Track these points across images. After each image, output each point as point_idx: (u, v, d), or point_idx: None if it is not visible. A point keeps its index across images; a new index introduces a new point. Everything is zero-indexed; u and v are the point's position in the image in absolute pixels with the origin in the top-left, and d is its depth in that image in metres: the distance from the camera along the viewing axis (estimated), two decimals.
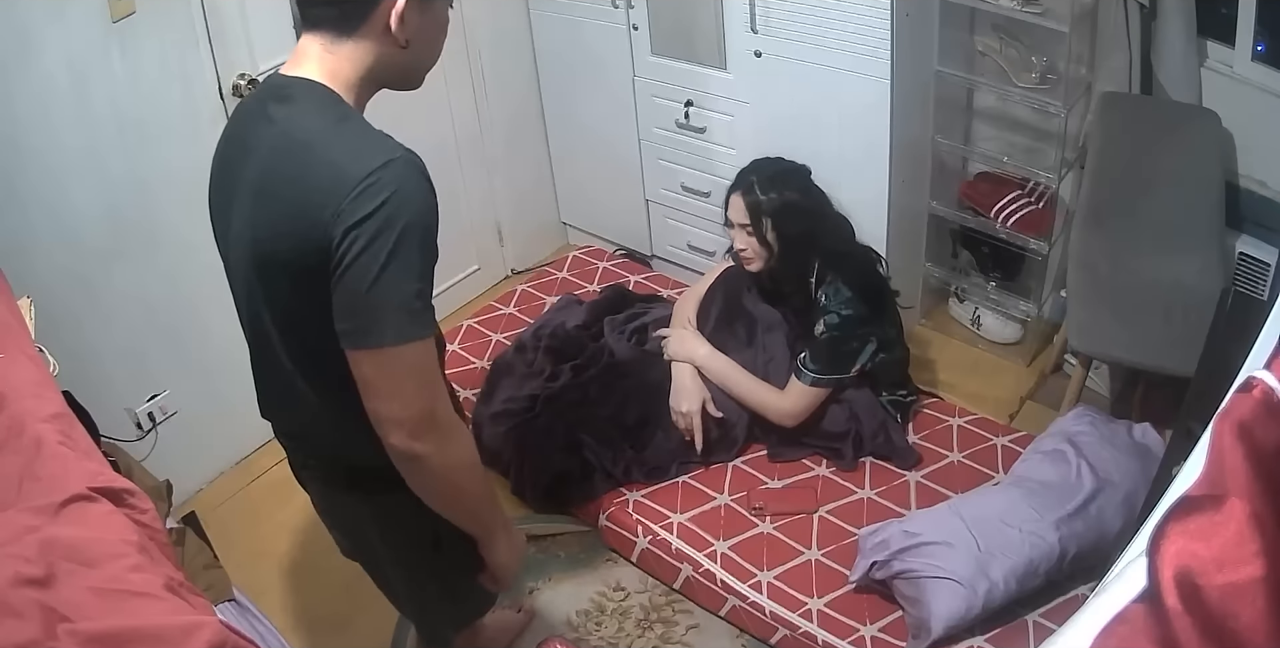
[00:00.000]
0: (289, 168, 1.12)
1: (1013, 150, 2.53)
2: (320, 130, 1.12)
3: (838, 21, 2.27)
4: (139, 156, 2.13)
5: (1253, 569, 0.56)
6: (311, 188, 1.08)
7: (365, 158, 1.07)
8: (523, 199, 3.20)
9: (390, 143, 1.12)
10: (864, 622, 1.91)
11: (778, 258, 2.19)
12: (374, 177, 1.06)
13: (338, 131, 1.12)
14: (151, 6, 2.03)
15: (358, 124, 1.14)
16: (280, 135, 1.13)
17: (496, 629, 2.02)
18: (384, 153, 1.08)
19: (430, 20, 1.18)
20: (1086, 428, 2.11)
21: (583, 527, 2.30)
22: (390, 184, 1.06)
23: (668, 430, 2.28)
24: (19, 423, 1.20)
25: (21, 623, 0.89)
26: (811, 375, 2.16)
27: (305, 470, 1.49)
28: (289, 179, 1.11)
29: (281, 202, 1.12)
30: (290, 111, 1.14)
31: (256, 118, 1.17)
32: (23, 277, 1.73)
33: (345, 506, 1.46)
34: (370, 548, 1.50)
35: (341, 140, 1.11)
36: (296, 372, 1.26)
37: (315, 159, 1.09)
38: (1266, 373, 0.63)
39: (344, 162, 1.07)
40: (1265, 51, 2.09)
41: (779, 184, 2.16)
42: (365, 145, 1.10)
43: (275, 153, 1.14)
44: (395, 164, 1.07)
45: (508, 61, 2.96)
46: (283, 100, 1.15)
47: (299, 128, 1.13)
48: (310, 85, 1.15)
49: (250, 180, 1.17)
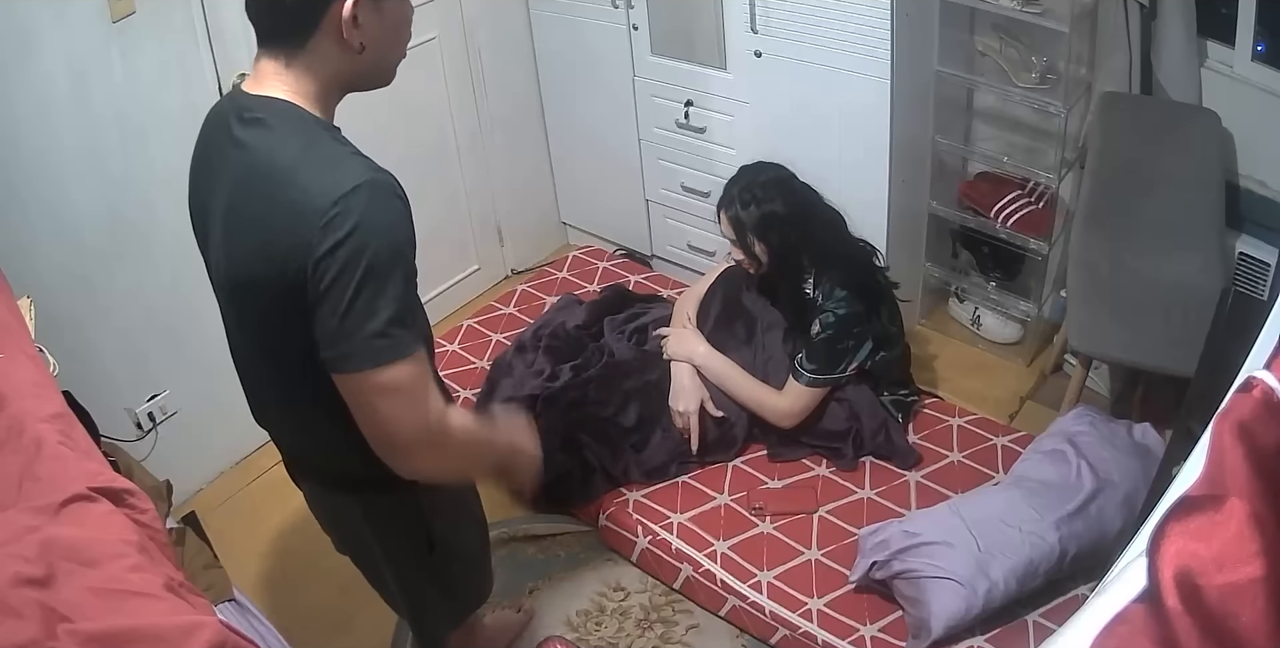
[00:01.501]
0: (257, 200, 1.10)
1: (1013, 150, 2.53)
2: (286, 159, 1.09)
3: (838, 21, 2.27)
4: (139, 157, 2.13)
5: (1253, 569, 0.56)
6: (280, 218, 1.07)
7: (331, 186, 1.05)
8: (523, 199, 3.20)
9: (357, 166, 1.09)
10: (864, 622, 1.91)
11: (769, 267, 2.21)
12: (340, 205, 1.04)
13: (304, 159, 1.09)
14: (151, 6, 2.04)
15: (324, 148, 1.11)
16: (247, 165, 1.12)
17: (496, 629, 2.02)
18: (351, 178, 1.06)
19: (387, 17, 1.14)
20: (1086, 428, 2.11)
21: (583, 527, 2.30)
22: (356, 211, 1.04)
23: (668, 430, 2.28)
24: (19, 423, 1.20)
25: (21, 623, 0.89)
26: (808, 375, 2.16)
27: (298, 473, 1.50)
28: (258, 212, 1.10)
29: (251, 232, 1.12)
30: (256, 136, 1.12)
31: (223, 142, 1.16)
32: (23, 277, 1.73)
33: (338, 508, 1.47)
34: (364, 548, 1.50)
35: (308, 169, 1.08)
36: (279, 389, 1.28)
37: (282, 190, 1.08)
38: (1266, 373, 0.63)
39: (311, 191, 1.06)
40: (1265, 51, 2.09)
41: (757, 197, 2.15)
42: (331, 172, 1.07)
43: (242, 183, 1.13)
44: (361, 190, 1.05)
45: (508, 61, 2.96)
46: (248, 124, 1.13)
47: (264, 157, 1.11)
48: (274, 104, 1.12)
49: (220, 208, 1.17)
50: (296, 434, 1.39)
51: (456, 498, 1.47)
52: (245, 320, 1.24)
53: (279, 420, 1.39)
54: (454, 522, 1.49)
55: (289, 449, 1.45)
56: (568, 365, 2.44)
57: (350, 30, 1.10)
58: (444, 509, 1.44)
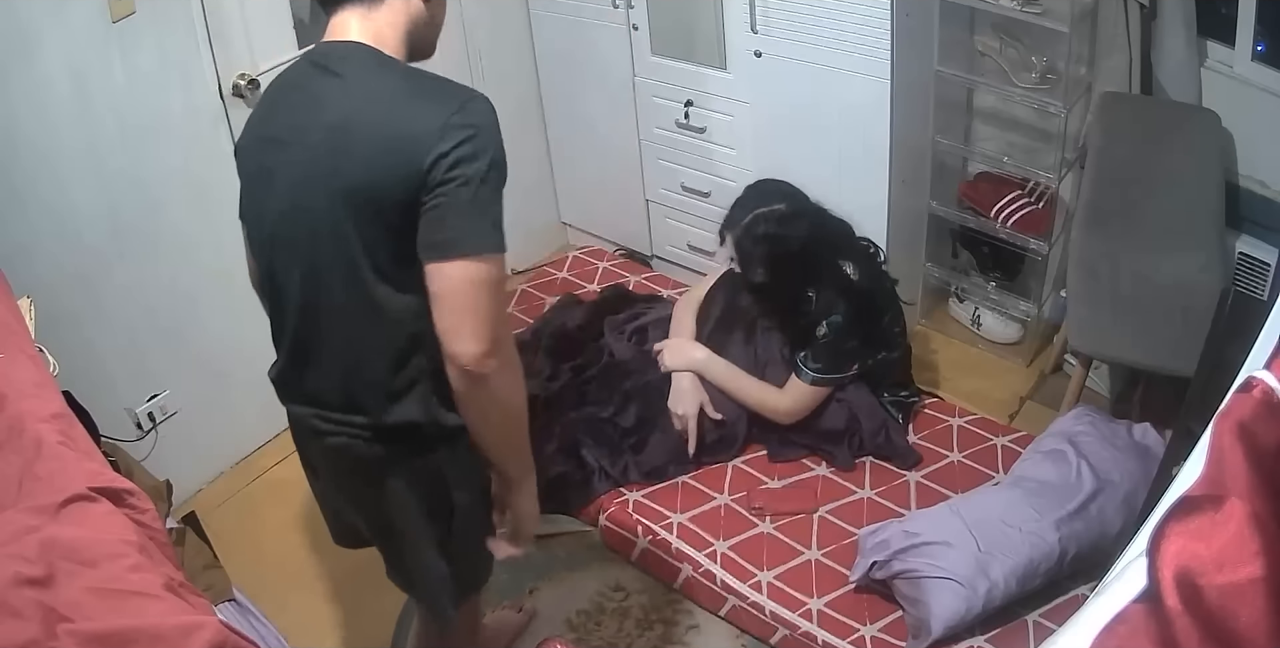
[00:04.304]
0: (372, 113, 1.19)
1: (1013, 150, 2.53)
2: (393, 80, 1.21)
3: (838, 21, 2.27)
4: (139, 157, 2.13)
5: (1253, 569, 0.56)
6: (400, 128, 1.17)
7: (445, 99, 1.18)
8: (523, 199, 3.19)
9: (462, 86, 1.23)
10: (864, 622, 1.91)
11: (772, 291, 2.20)
12: (458, 115, 1.16)
13: (409, 78, 1.22)
14: (151, 6, 2.03)
15: (423, 73, 1.24)
16: (353, 85, 1.21)
17: (496, 629, 2.01)
18: (462, 93, 1.20)
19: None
20: (1086, 428, 2.11)
21: (583, 527, 2.29)
22: (473, 119, 1.17)
23: (667, 431, 2.28)
24: (19, 423, 1.20)
25: (21, 623, 0.89)
26: (812, 374, 2.16)
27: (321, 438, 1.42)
28: (375, 122, 1.19)
29: (367, 143, 1.19)
30: (353, 68, 1.22)
31: (319, 73, 1.24)
32: (23, 277, 1.73)
33: (365, 471, 1.41)
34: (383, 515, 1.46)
35: (417, 85, 1.21)
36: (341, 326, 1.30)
37: (398, 104, 1.19)
38: (1266, 373, 0.63)
39: (426, 103, 1.18)
40: (1265, 51, 2.09)
41: (769, 234, 2.10)
42: (441, 87, 1.21)
43: (353, 99, 1.21)
44: (474, 102, 1.19)
45: (508, 61, 2.96)
46: (342, 59, 1.23)
47: (369, 80, 1.21)
48: (361, 47, 1.23)
49: (325, 125, 1.22)
50: (349, 378, 1.35)
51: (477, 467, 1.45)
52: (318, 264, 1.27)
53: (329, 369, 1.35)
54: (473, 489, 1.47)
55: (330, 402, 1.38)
56: (567, 366, 2.43)
57: None
58: (468, 475, 1.43)
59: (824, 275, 2.16)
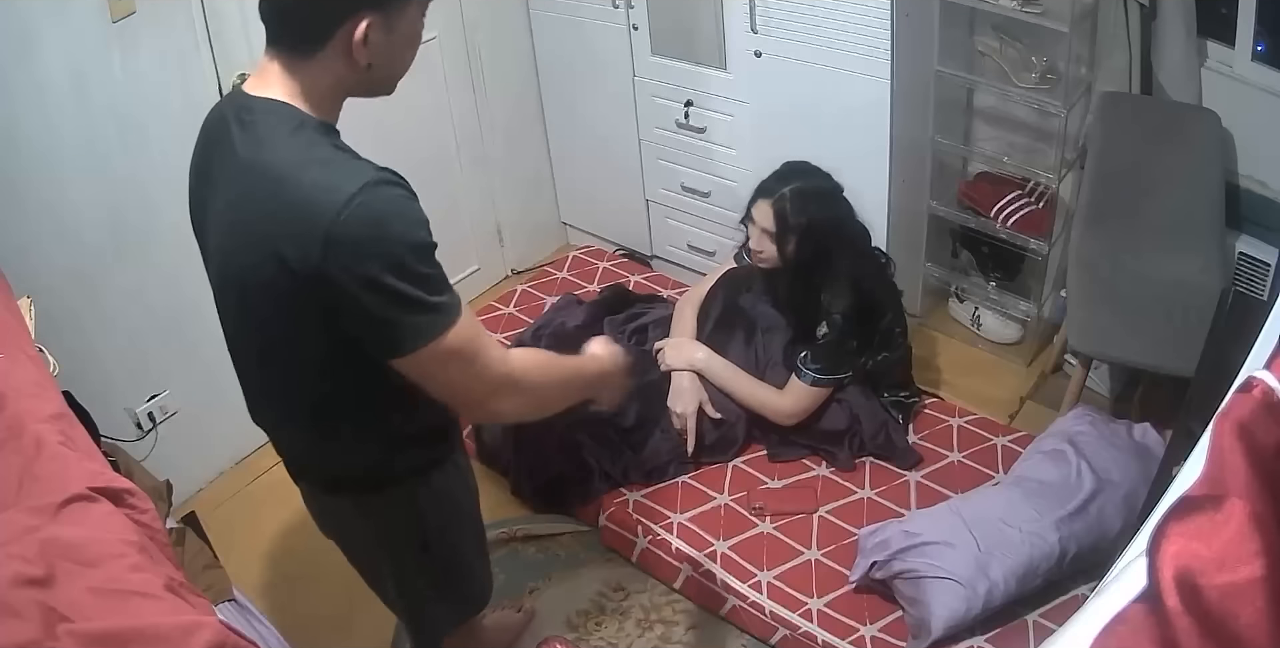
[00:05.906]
0: (259, 202, 1.10)
1: (1013, 150, 2.53)
2: (289, 162, 1.09)
3: (838, 21, 2.27)
4: (139, 157, 2.13)
5: (1253, 569, 0.56)
6: (286, 221, 1.07)
7: (338, 186, 1.05)
8: (523, 199, 3.20)
9: (361, 166, 1.10)
10: (864, 622, 1.91)
11: (790, 271, 2.20)
12: (348, 209, 1.04)
13: (306, 162, 1.08)
14: (151, 6, 2.03)
15: (325, 150, 1.11)
16: (247, 166, 1.11)
17: (496, 629, 2.01)
18: (353, 182, 1.05)
19: (397, 37, 1.14)
20: (1086, 428, 2.11)
21: (583, 527, 2.29)
22: (365, 213, 1.04)
23: (666, 431, 2.28)
24: (19, 423, 1.20)
25: (21, 623, 0.89)
26: (813, 375, 2.16)
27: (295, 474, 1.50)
28: (261, 214, 1.10)
29: (254, 235, 1.11)
30: (256, 138, 1.11)
31: (223, 143, 1.16)
32: (23, 277, 1.73)
33: (335, 509, 1.47)
34: (361, 548, 1.51)
35: (312, 170, 1.08)
36: (279, 393, 1.29)
37: (286, 192, 1.07)
38: (1266, 373, 0.63)
39: (316, 194, 1.05)
40: (1265, 51, 2.09)
41: (812, 205, 2.12)
42: (336, 173, 1.07)
43: (243, 185, 1.12)
44: (366, 190, 1.05)
45: (508, 61, 2.96)
46: (248, 125, 1.13)
47: (264, 158, 1.10)
48: (275, 107, 1.12)
49: (220, 209, 1.17)
50: (294, 438, 1.40)
51: (450, 498, 1.47)
52: (246, 324, 1.24)
53: (277, 425, 1.40)
54: (447, 521, 1.49)
55: (286, 452, 1.45)
56: None
57: (360, 50, 1.10)
58: (437, 509, 1.44)
59: (839, 266, 2.16)
